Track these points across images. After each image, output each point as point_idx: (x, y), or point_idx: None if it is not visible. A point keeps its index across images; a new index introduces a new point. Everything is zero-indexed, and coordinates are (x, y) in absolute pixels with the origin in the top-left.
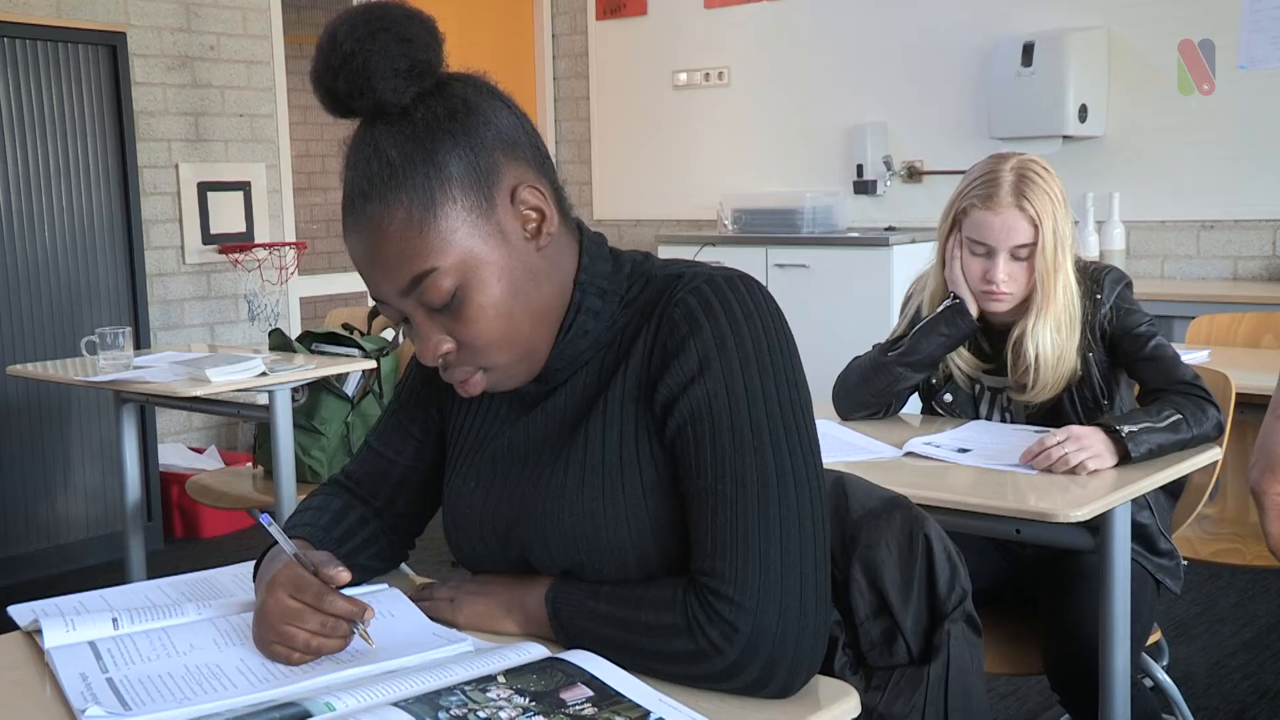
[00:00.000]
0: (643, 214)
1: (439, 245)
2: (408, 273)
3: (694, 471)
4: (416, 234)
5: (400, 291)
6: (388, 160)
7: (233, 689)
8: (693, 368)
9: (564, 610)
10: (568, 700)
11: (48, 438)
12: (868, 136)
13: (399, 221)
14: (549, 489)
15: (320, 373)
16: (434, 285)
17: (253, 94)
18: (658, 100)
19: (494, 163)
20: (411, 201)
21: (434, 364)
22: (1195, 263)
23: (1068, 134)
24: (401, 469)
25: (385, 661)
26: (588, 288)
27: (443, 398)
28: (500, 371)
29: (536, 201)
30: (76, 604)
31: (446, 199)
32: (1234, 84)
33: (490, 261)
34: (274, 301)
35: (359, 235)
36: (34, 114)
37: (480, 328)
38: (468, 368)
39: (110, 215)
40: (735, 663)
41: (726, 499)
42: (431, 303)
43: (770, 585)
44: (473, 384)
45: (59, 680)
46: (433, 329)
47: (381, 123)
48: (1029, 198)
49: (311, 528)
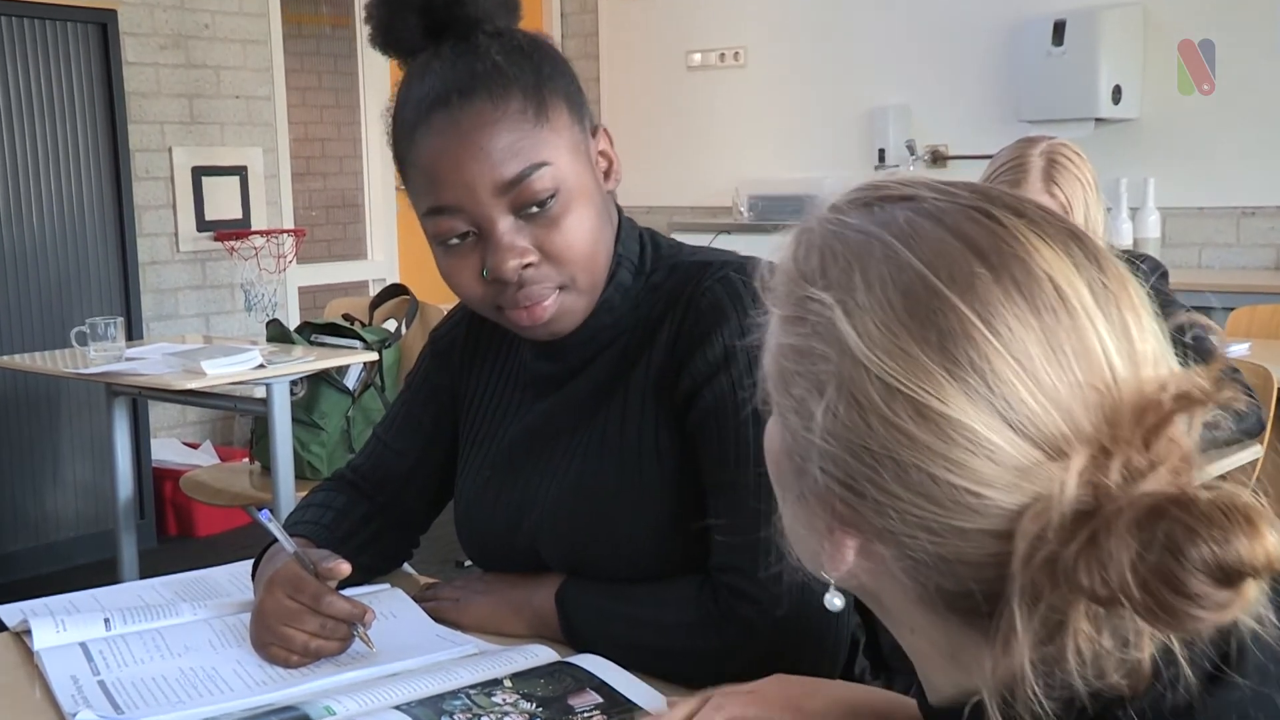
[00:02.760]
0: (654, 201)
1: (553, 142)
2: (517, 165)
3: (714, 464)
4: (531, 126)
5: (500, 187)
6: (494, 62)
7: (229, 692)
8: (717, 358)
9: (574, 609)
10: (576, 706)
11: (36, 432)
12: (890, 119)
13: (513, 113)
14: (563, 477)
15: (320, 365)
16: (539, 183)
17: (249, 75)
18: (670, 82)
19: (584, 99)
20: (525, 97)
21: (512, 275)
22: (1235, 251)
23: (1100, 116)
24: (411, 461)
25: (387, 664)
26: (622, 260)
27: (456, 386)
28: (577, 297)
29: (607, 147)
30: (67, 604)
31: (556, 104)
32: (1277, 62)
33: (587, 179)
34: (271, 291)
35: (454, 130)
36: (20, 96)
37: (574, 237)
38: (548, 285)
39: (101, 201)
40: (751, 663)
41: (748, 493)
42: (531, 200)
43: (790, 584)
44: (546, 307)
45: (49, 682)
46: (518, 237)
47: (479, 34)
48: (1059, 184)
49: (313, 525)
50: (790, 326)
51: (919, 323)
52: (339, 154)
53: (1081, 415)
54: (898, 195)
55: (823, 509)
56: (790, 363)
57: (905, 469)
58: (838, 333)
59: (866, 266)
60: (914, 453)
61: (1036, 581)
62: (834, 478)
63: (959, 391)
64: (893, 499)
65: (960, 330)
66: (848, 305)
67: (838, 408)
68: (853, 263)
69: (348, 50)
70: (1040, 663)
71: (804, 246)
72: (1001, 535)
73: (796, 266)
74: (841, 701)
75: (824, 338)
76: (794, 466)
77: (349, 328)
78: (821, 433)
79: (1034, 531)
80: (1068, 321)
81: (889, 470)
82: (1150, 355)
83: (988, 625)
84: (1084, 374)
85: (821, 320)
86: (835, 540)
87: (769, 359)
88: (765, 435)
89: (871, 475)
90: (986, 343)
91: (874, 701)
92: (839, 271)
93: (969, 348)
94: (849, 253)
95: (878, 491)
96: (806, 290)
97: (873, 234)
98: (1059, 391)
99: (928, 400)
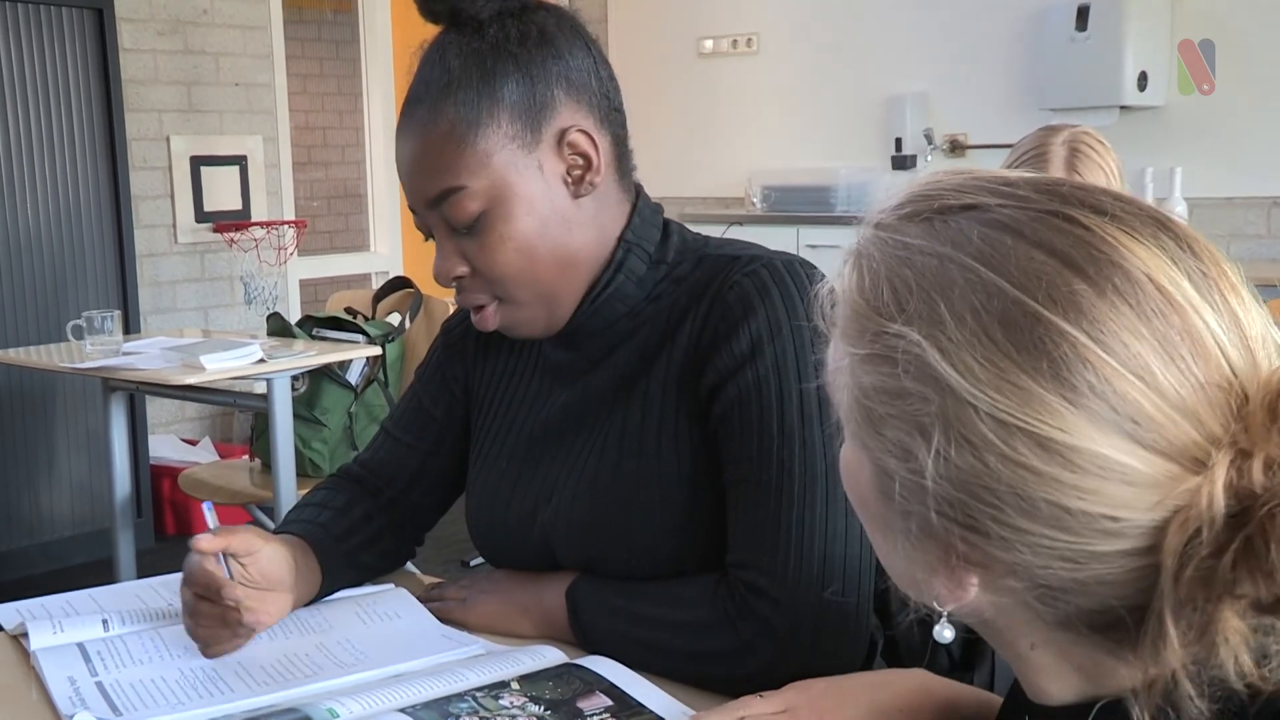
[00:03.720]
0: (664, 191)
1: (474, 165)
2: (438, 185)
3: (736, 460)
4: (455, 148)
5: (428, 203)
6: (447, 68)
7: (229, 693)
8: (743, 351)
9: (584, 607)
10: (585, 710)
11: (31, 429)
12: (907, 108)
13: (441, 133)
14: (581, 471)
15: (322, 360)
16: (460, 204)
17: (249, 61)
18: (681, 69)
19: (550, 99)
20: (457, 115)
21: (446, 284)
22: (1265, 243)
23: (1125, 104)
24: (420, 455)
25: (392, 665)
26: (632, 248)
27: (469, 377)
28: (516, 309)
29: (585, 148)
30: (64, 604)
31: (492, 121)
32: None
33: (521, 195)
34: (272, 284)
35: (405, 138)
36: (14, 83)
37: (497, 258)
38: (481, 295)
39: (97, 191)
40: (768, 664)
41: (769, 490)
42: (455, 221)
43: (809, 584)
44: (486, 316)
45: (45, 684)
46: (452, 249)
47: (455, 32)
48: (1081, 173)
49: (307, 524)
50: (871, 366)
51: (1025, 353)
52: (341, 143)
53: (1210, 418)
54: (957, 205)
55: (938, 548)
56: (878, 404)
57: (1033, 503)
58: (934, 372)
59: (950, 296)
60: (1041, 487)
61: (1189, 593)
62: (951, 519)
63: (1081, 418)
64: (1021, 534)
65: (1073, 354)
66: (939, 342)
67: (948, 451)
68: (932, 293)
69: (350, 36)
70: (1193, 663)
71: (867, 275)
72: (1143, 552)
73: (864, 299)
74: (873, 706)
75: (917, 378)
76: (897, 508)
77: (351, 322)
78: (933, 476)
79: (1180, 546)
80: (1178, 322)
81: (1014, 506)
82: (1260, 338)
83: (1129, 636)
84: (1204, 374)
85: (910, 359)
86: (955, 577)
87: (844, 395)
88: (843, 464)
89: (995, 514)
90: (1103, 363)
91: (907, 699)
92: (919, 304)
93: (1085, 371)
94: (925, 282)
95: (1003, 529)
96: (884, 326)
97: (946, 257)
98: (1183, 399)
99: (1049, 432)
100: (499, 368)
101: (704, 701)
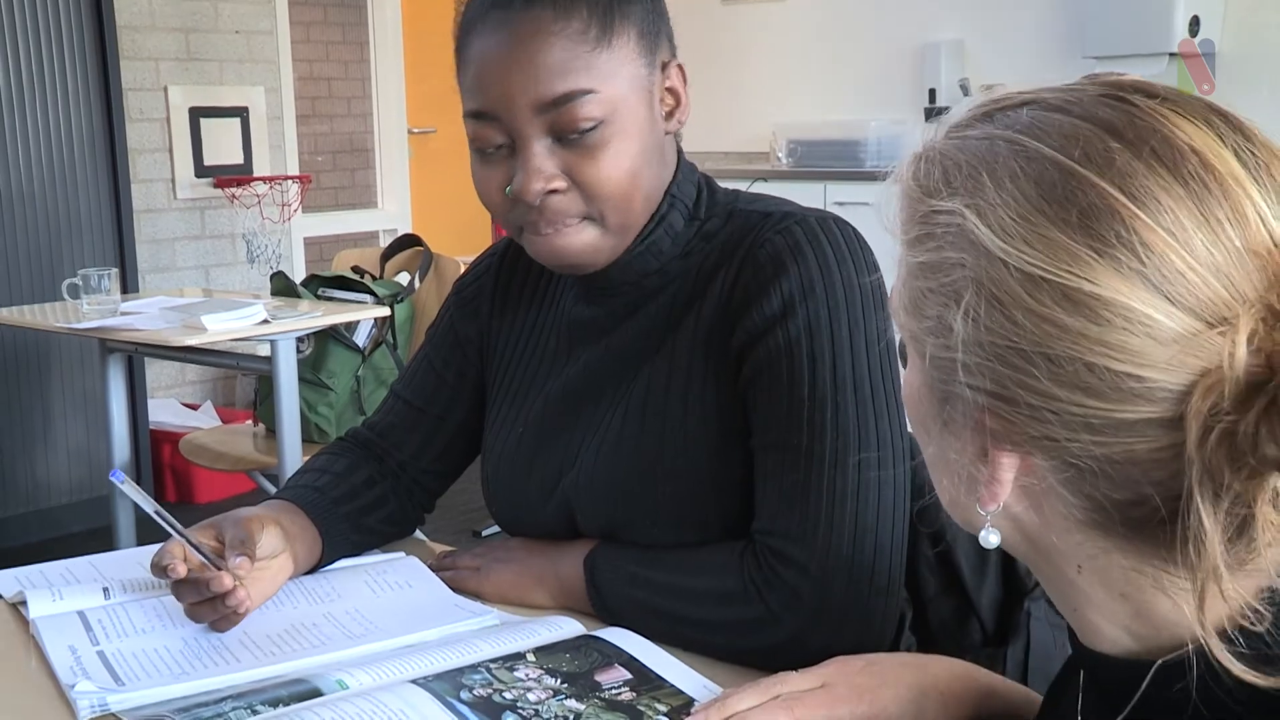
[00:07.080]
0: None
1: (606, 70)
2: (565, 85)
3: (766, 423)
4: (588, 49)
5: (541, 105)
6: None
7: (235, 663)
8: (775, 311)
9: (603, 575)
10: (603, 683)
11: (25, 392)
12: (942, 56)
13: (573, 31)
14: (604, 435)
15: (328, 321)
16: (584, 109)
17: (250, 8)
18: (703, 17)
19: (661, 29)
20: (591, 15)
21: (534, 198)
22: None
23: (1175, 50)
24: (431, 419)
25: (403, 636)
26: (675, 202)
27: (483, 337)
28: (602, 234)
29: (678, 84)
30: (64, 571)
31: (624, 34)
32: None
33: (639, 115)
34: (275, 242)
35: (509, 32)
36: (1, 29)
37: (610, 171)
38: (572, 214)
39: (92, 144)
40: (794, 635)
41: (799, 454)
42: (568, 128)
43: (839, 552)
44: (567, 236)
45: (45, 653)
46: (548, 161)
47: None
48: None
49: (305, 490)
50: (918, 245)
51: (1057, 205)
52: (347, 94)
53: (1243, 280)
54: (1018, 101)
55: (973, 432)
56: (921, 281)
57: (1059, 363)
58: (970, 236)
59: (994, 167)
60: (1067, 343)
61: (1215, 463)
62: (982, 390)
63: (1108, 268)
64: (1049, 400)
65: (1103, 205)
66: (979, 207)
67: (978, 311)
68: (979, 166)
69: None
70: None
71: (924, 164)
72: (1171, 423)
73: (918, 184)
74: (914, 687)
75: (956, 245)
76: (937, 396)
77: (359, 281)
78: (963, 344)
79: (1206, 408)
80: (1218, 189)
81: (1041, 368)
82: None
83: (1169, 538)
84: (1241, 240)
85: (950, 229)
86: (991, 463)
87: (898, 291)
88: (904, 384)
89: (1023, 378)
90: (1133, 216)
91: (947, 682)
92: (964, 178)
93: (1114, 222)
94: (973, 160)
95: (1031, 395)
96: (930, 204)
97: (997, 136)
98: (1215, 259)
99: (1076, 283)
100: (516, 326)
101: (727, 676)
